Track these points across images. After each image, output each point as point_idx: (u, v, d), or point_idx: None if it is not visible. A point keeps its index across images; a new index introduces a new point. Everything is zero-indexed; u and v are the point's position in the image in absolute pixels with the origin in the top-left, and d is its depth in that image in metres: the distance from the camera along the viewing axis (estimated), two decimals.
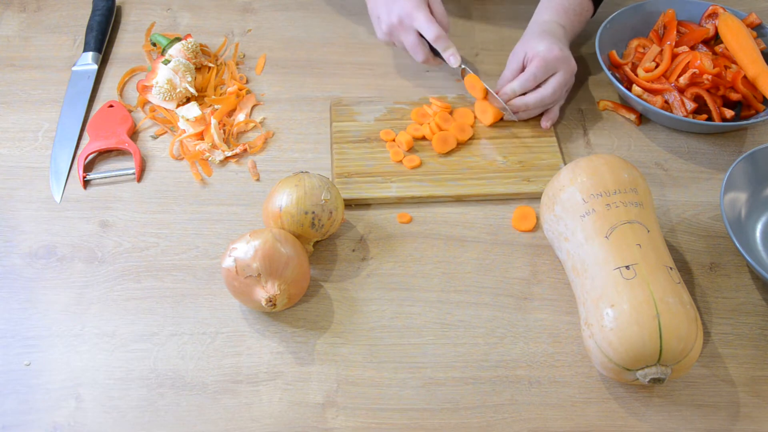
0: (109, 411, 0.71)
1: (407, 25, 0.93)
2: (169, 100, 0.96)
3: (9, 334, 0.76)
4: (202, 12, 1.13)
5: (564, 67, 0.92)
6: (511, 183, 0.89)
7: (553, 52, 0.91)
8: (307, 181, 0.80)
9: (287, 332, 0.77)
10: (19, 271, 0.81)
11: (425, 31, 0.92)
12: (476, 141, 0.94)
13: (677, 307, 0.67)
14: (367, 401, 0.72)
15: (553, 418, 0.72)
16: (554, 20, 0.97)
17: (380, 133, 0.94)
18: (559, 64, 0.92)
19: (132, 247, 0.84)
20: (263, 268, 0.73)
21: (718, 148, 0.96)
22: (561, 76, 0.92)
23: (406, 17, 0.92)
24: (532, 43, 0.93)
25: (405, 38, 0.94)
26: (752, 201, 0.86)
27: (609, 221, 0.73)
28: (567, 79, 0.93)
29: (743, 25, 0.96)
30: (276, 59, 1.06)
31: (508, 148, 0.93)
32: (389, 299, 0.80)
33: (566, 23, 0.97)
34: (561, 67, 0.92)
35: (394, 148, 0.92)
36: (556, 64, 0.91)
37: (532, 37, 0.94)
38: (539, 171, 0.91)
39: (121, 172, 0.91)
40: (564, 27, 0.97)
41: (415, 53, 0.95)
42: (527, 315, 0.79)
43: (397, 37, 0.95)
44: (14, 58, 1.05)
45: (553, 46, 0.91)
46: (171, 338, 0.76)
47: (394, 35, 0.95)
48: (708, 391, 0.74)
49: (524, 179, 0.90)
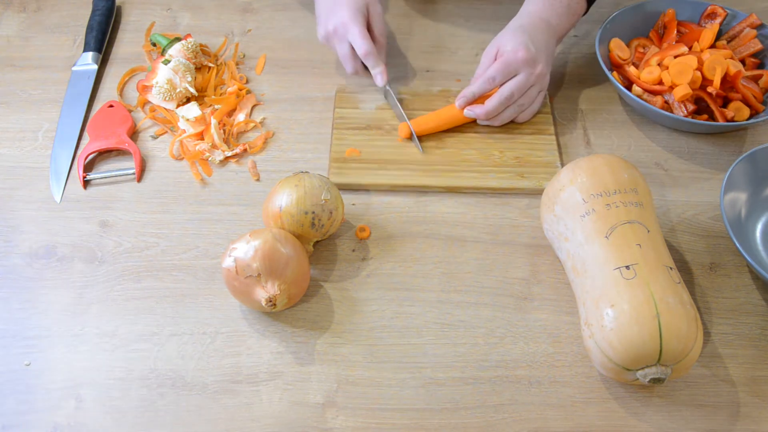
0: (109, 411, 0.71)
1: (341, 36, 0.93)
2: (169, 100, 0.96)
3: (9, 334, 0.76)
4: (202, 12, 1.13)
5: (526, 70, 0.89)
6: (505, 178, 0.90)
7: (518, 54, 0.88)
8: (307, 181, 0.80)
9: (287, 332, 0.77)
10: (19, 271, 0.81)
11: (356, 46, 0.93)
12: (474, 135, 0.95)
13: (677, 307, 0.67)
14: (367, 401, 0.72)
15: (553, 418, 0.72)
16: (538, 14, 0.94)
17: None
18: (521, 66, 0.89)
19: (132, 247, 0.84)
20: (263, 268, 0.73)
21: (718, 148, 0.96)
22: (521, 78, 0.89)
23: (341, 27, 0.93)
24: (504, 39, 0.91)
25: (338, 47, 0.95)
26: (752, 201, 0.86)
27: (609, 221, 0.73)
28: (529, 82, 0.90)
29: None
30: (276, 59, 1.06)
31: (505, 143, 0.94)
32: (389, 299, 0.80)
33: (552, 18, 0.94)
34: (523, 69, 0.89)
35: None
36: (518, 66, 0.89)
37: (506, 32, 0.92)
38: (535, 168, 0.91)
39: (121, 172, 0.91)
40: (548, 21, 0.93)
41: (345, 63, 0.96)
42: (527, 315, 0.79)
43: (331, 44, 0.96)
44: (14, 58, 1.05)
45: (520, 46, 0.88)
46: (171, 338, 0.76)
47: (330, 42, 0.96)
48: (708, 391, 0.74)
49: (518, 174, 0.90)
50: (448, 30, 1.11)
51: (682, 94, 0.92)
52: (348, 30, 0.92)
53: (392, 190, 0.89)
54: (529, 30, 0.91)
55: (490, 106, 0.91)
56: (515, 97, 0.91)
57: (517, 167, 0.91)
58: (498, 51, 0.91)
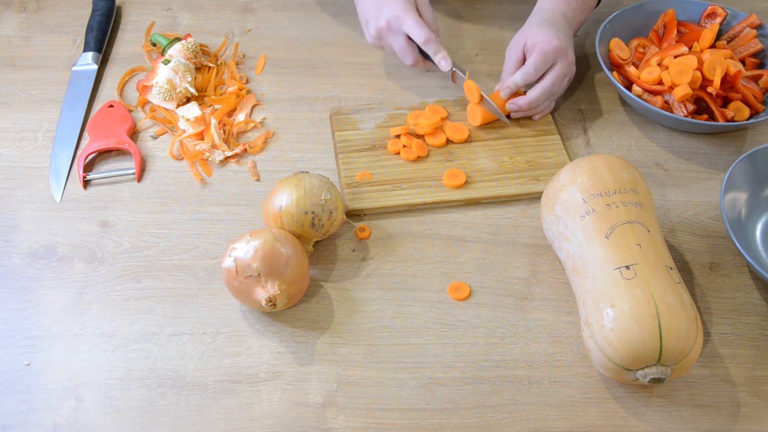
0: (109, 411, 0.71)
1: (396, 29, 0.92)
2: (169, 100, 0.96)
3: (9, 334, 0.76)
4: (202, 12, 1.13)
5: (561, 59, 0.92)
6: (522, 183, 0.89)
7: (552, 43, 0.90)
8: (307, 181, 0.80)
9: (287, 332, 0.77)
10: (19, 271, 0.81)
11: (414, 35, 0.92)
12: (480, 143, 0.94)
13: (677, 307, 0.67)
14: (367, 401, 0.72)
15: (553, 418, 0.72)
16: (556, 9, 0.96)
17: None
18: (557, 56, 0.91)
19: (132, 247, 0.84)
20: (263, 268, 0.73)
21: (718, 148, 0.96)
22: (559, 67, 0.92)
23: (394, 20, 0.92)
24: (531, 33, 0.92)
25: (394, 42, 0.94)
26: (752, 201, 0.86)
27: (609, 221, 0.73)
28: (565, 71, 0.93)
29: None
30: (276, 59, 1.06)
31: (513, 148, 0.93)
32: (389, 299, 0.80)
33: (568, 12, 0.96)
34: (559, 58, 0.91)
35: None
36: (555, 55, 0.91)
37: (531, 27, 0.93)
38: (547, 170, 0.91)
39: (121, 172, 0.91)
40: (566, 15, 0.96)
41: (404, 57, 0.94)
42: (527, 315, 0.79)
43: (385, 40, 0.94)
44: (14, 58, 1.05)
45: (552, 37, 0.91)
46: (171, 338, 0.76)
47: (383, 39, 0.94)
48: (708, 391, 0.74)
49: (533, 178, 0.90)
50: (448, 30, 1.10)
51: (682, 94, 0.92)
52: (402, 22, 0.92)
53: (411, 210, 0.88)
54: (553, 24, 0.94)
55: (532, 97, 0.92)
56: (555, 87, 0.93)
57: (530, 171, 0.91)
58: (526, 45, 0.92)
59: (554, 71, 0.92)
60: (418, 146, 0.91)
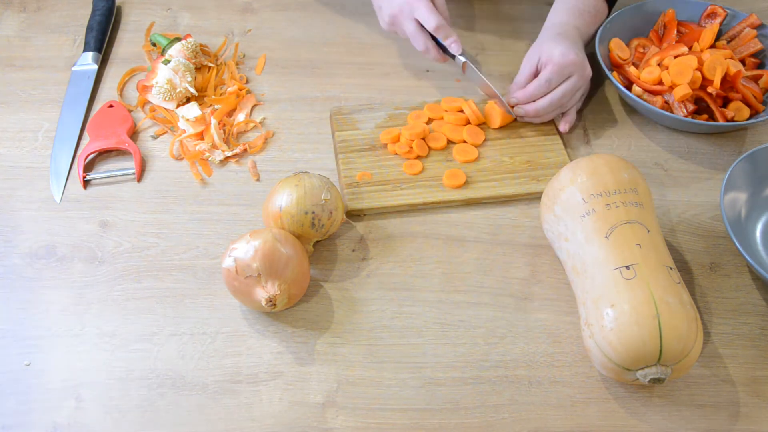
0: (109, 411, 0.71)
1: (407, 14, 0.94)
2: (169, 100, 0.96)
3: (9, 334, 0.76)
4: (202, 12, 1.13)
5: (578, 72, 0.92)
6: (522, 183, 0.89)
7: (569, 57, 0.90)
8: (307, 181, 0.80)
9: (287, 332, 0.77)
10: (19, 271, 0.81)
11: (425, 21, 0.93)
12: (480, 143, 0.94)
13: (677, 307, 0.67)
14: (367, 401, 0.72)
15: (553, 418, 0.72)
16: (569, 22, 0.97)
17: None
18: (573, 69, 0.91)
19: (132, 247, 0.84)
20: (263, 268, 0.73)
21: (718, 148, 0.96)
22: (573, 80, 0.92)
23: (406, 6, 0.93)
24: (546, 47, 0.92)
25: (406, 26, 0.95)
26: (752, 201, 0.86)
27: (609, 221, 0.73)
28: (579, 84, 0.93)
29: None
30: (276, 59, 1.06)
31: (513, 148, 0.93)
32: (389, 299, 0.80)
33: (581, 25, 0.97)
34: (575, 71, 0.92)
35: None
36: (571, 69, 0.91)
37: (546, 41, 0.94)
38: (547, 170, 0.91)
39: (121, 172, 0.91)
40: (578, 29, 0.97)
41: (415, 42, 0.95)
42: (527, 315, 0.79)
43: (399, 25, 0.96)
44: (14, 58, 1.05)
45: (569, 50, 0.91)
46: (171, 338, 0.76)
47: (396, 24, 0.96)
48: (708, 391, 0.74)
49: (533, 178, 0.90)
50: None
51: (682, 94, 0.92)
52: (414, 7, 0.93)
53: (411, 209, 0.88)
54: (568, 37, 0.94)
55: (540, 105, 0.92)
56: (565, 99, 0.93)
57: (530, 171, 0.91)
58: (540, 59, 0.92)
59: (567, 84, 0.92)
60: (418, 146, 0.91)
